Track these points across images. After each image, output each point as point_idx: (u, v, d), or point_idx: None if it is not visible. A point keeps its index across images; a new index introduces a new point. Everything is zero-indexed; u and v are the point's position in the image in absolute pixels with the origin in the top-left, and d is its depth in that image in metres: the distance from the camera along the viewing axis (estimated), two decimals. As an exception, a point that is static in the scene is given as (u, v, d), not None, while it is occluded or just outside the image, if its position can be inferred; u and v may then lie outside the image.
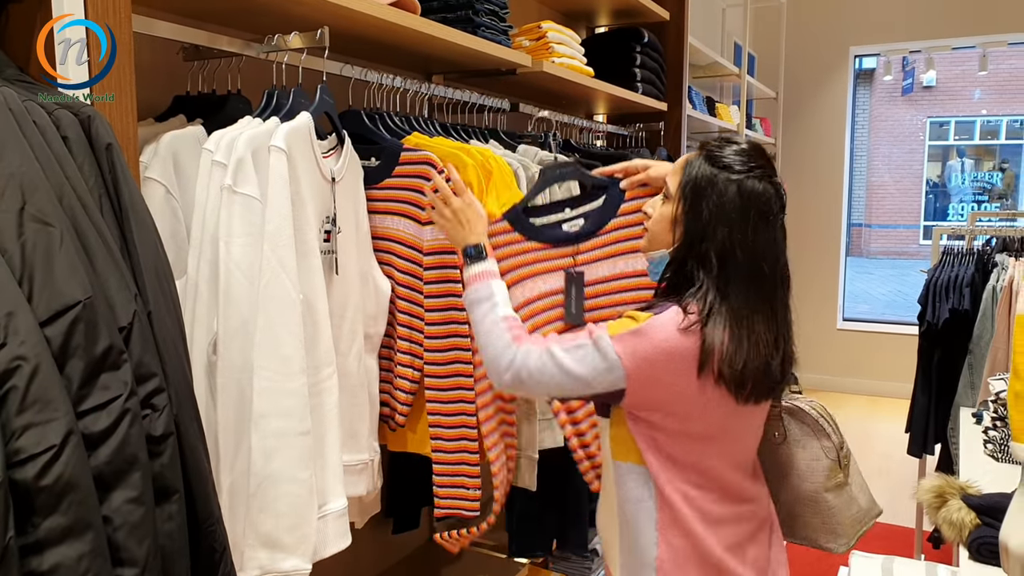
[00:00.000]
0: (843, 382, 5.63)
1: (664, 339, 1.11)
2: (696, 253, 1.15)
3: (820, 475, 1.31)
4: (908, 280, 13.16)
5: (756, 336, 1.12)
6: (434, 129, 1.84)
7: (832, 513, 1.31)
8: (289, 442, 1.22)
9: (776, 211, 1.16)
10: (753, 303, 1.13)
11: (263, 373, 1.20)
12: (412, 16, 1.57)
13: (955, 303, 2.69)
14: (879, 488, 3.91)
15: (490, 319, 1.26)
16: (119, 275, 0.82)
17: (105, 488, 0.77)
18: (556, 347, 1.17)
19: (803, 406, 1.33)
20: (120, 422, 0.78)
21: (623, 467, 1.21)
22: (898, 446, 3.35)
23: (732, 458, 1.20)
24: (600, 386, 1.14)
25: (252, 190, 1.22)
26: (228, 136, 1.24)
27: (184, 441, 0.88)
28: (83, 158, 0.86)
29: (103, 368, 0.77)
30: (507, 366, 1.19)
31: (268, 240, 1.22)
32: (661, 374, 1.11)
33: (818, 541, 1.35)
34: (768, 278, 1.15)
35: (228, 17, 1.48)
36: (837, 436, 1.33)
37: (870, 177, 16.46)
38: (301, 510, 1.23)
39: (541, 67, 2.09)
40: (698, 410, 1.14)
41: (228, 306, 1.20)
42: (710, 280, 1.12)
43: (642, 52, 2.82)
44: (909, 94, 15.80)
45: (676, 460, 1.17)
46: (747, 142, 1.20)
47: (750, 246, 1.13)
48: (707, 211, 1.14)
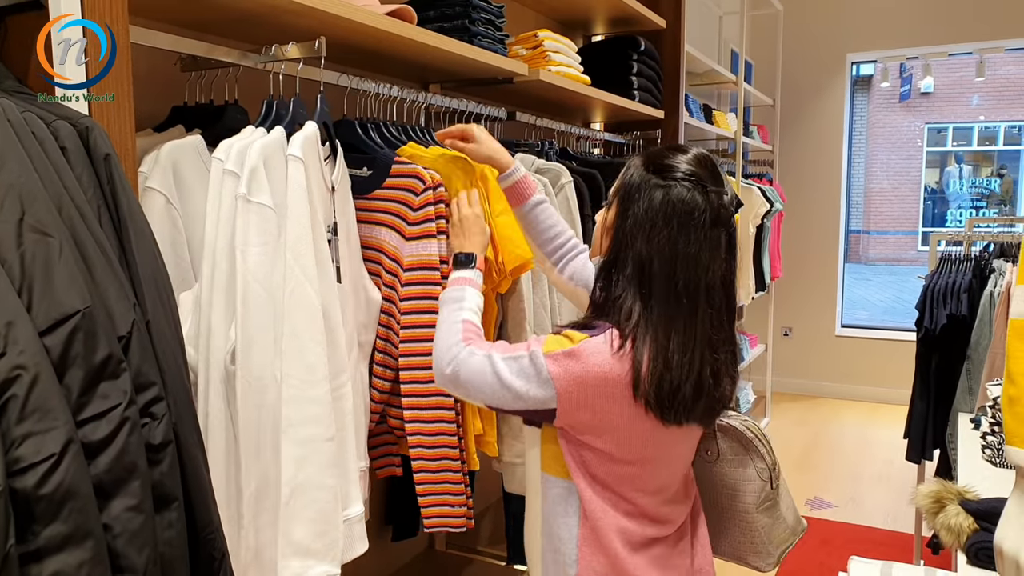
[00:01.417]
0: (842, 388, 5.63)
1: (598, 364, 1.07)
2: (618, 260, 1.11)
3: (752, 495, 1.28)
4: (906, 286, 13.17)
5: (668, 353, 1.06)
6: (429, 139, 1.85)
7: (761, 532, 1.29)
8: (318, 448, 1.23)
9: (703, 223, 1.08)
10: (669, 317, 1.07)
11: (291, 381, 1.21)
12: (408, 26, 1.58)
13: (953, 309, 2.70)
14: (878, 494, 3.93)
15: (451, 318, 1.26)
16: (118, 285, 0.83)
17: (105, 496, 0.78)
18: (496, 354, 1.14)
19: (736, 425, 1.29)
20: (119, 430, 0.78)
21: (550, 480, 1.18)
22: (897, 452, 3.35)
23: (658, 482, 1.16)
24: (532, 402, 1.11)
25: (266, 199, 1.24)
26: (238, 145, 1.25)
27: (183, 449, 0.88)
28: (81, 169, 0.87)
29: (102, 377, 0.78)
30: (449, 360, 1.18)
31: (290, 249, 1.23)
32: (593, 399, 1.08)
33: (745, 559, 1.33)
34: (686, 292, 1.07)
35: (226, 28, 1.50)
36: (770, 457, 1.29)
37: (868, 184, 16.48)
38: (329, 516, 1.24)
39: (538, 75, 2.11)
40: (629, 436, 1.10)
41: (246, 315, 1.21)
42: (631, 292, 1.09)
43: (639, 60, 2.83)
44: (907, 100, 15.85)
45: (601, 481, 1.14)
46: (694, 151, 1.15)
47: (667, 256, 1.07)
48: (631, 217, 1.10)
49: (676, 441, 1.15)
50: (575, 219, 1.93)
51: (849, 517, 3.57)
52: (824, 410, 5.37)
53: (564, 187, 1.93)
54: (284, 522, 1.20)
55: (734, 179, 4.10)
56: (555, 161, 2.06)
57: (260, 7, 1.32)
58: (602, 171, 2.25)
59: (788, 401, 5.54)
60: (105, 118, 0.99)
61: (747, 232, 4.15)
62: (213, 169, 1.24)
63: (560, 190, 1.92)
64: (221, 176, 1.23)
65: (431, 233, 1.47)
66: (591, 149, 2.91)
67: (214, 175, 1.24)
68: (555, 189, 1.91)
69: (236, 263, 1.21)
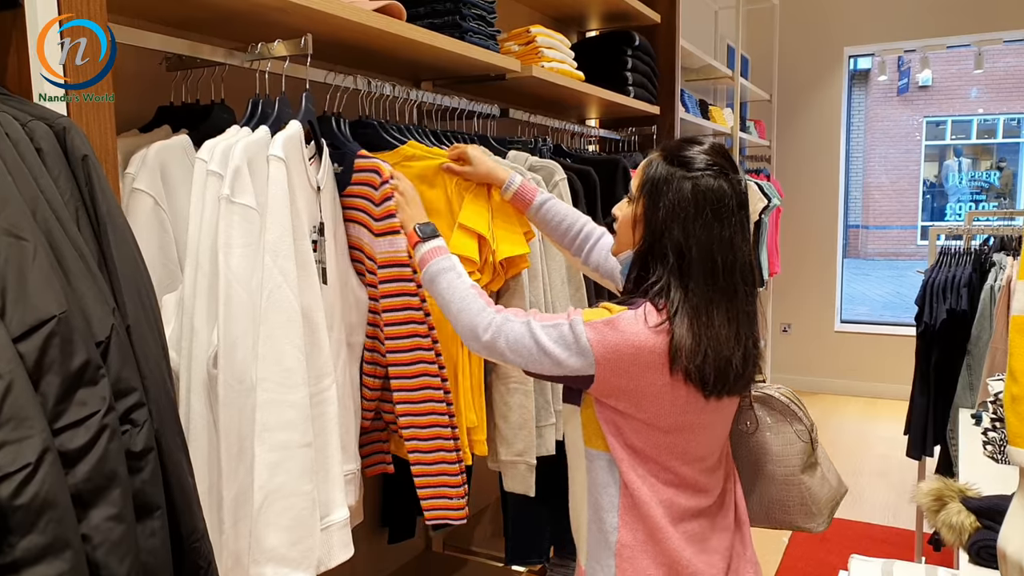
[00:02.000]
0: (841, 384, 5.61)
1: (635, 333, 1.13)
2: (655, 250, 1.17)
3: (795, 458, 1.35)
4: (906, 281, 13.16)
5: (714, 331, 1.14)
6: (425, 137, 1.83)
7: (809, 494, 1.35)
8: (292, 454, 1.20)
9: (732, 208, 1.17)
10: (710, 298, 1.14)
11: (265, 385, 1.19)
12: (397, 22, 1.56)
13: (953, 303, 2.68)
14: (879, 490, 3.92)
15: (460, 285, 1.30)
16: (96, 289, 0.81)
17: (84, 506, 0.76)
18: (535, 322, 1.21)
19: (772, 393, 1.37)
20: (98, 438, 0.76)
21: (592, 453, 1.24)
22: (897, 448, 3.34)
23: (696, 452, 1.21)
24: (570, 368, 1.17)
25: (249, 200, 1.22)
26: (222, 145, 1.23)
27: (166, 456, 0.86)
28: (58, 170, 0.85)
29: (80, 384, 0.76)
30: (485, 327, 1.23)
31: (269, 251, 1.21)
32: (629, 366, 1.14)
33: (796, 523, 1.38)
34: (724, 273, 1.15)
35: (211, 26, 1.48)
36: (808, 419, 1.37)
37: (867, 178, 16.45)
38: (305, 523, 1.22)
39: (530, 72, 2.09)
40: (666, 405, 1.16)
41: (228, 318, 1.19)
42: (670, 277, 1.15)
43: (633, 55, 2.81)
44: (905, 94, 15.83)
45: (639, 450, 1.19)
46: (708, 142, 1.23)
47: (704, 242, 1.15)
48: (664, 209, 1.16)
49: (714, 409, 1.20)
50: (569, 216, 1.91)
51: (849, 514, 3.55)
52: (823, 406, 5.35)
53: (557, 184, 1.91)
54: (257, 528, 1.18)
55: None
56: (548, 158, 2.03)
57: (246, 4, 1.30)
58: (596, 168, 2.23)
59: (788, 397, 5.52)
60: (85, 118, 0.97)
61: (745, 228, 4.12)
62: (196, 170, 1.22)
63: (553, 188, 1.90)
64: (205, 177, 1.21)
65: (396, 229, 1.43)
66: (586, 146, 2.89)
67: (197, 176, 1.22)
68: (548, 187, 1.89)
69: (219, 265, 1.19)
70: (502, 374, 1.75)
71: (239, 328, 1.20)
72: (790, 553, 3.10)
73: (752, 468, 1.37)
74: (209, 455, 1.21)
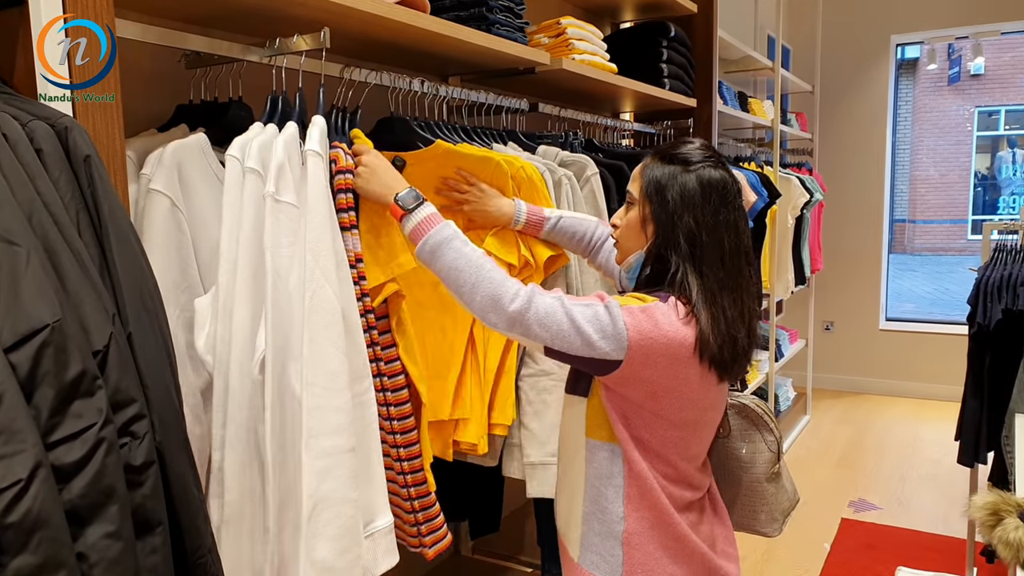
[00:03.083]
0: (887, 384, 5.43)
1: (669, 324, 1.15)
2: (669, 241, 1.21)
3: (762, 467, 1.41)
4: (955, 277, 12.75)
5: (727, 312, 1.18)
6: (453, 133, 1.79)
7: (771, 501, 1.42)
8: (340, 460, 1.17)
9: (734, 193, 1.23)
10: (722, 281, 1.19)
11: (313, 390, 1.15)
12: (419, 14, 1.51)
13: (1009, 303, 2.54)
14: (927, 496, 3.77)
15: (470, 253, 1.21)
16: (95, 295, 0.78)
17: (80, 523, 0.73)
18: (566, 299, 1.18)
19: (747, 403, 1.43)
20: (95, 452, 0.73)
21: (595, 444, 1.24)
22: (947, 452, 3.20)
23: (694, 450, 1.26)
24: (600, 350, 1.14)
25: (292, 198, 1.19)
26: (257, 141, 1.20)
27: (169, 469, 0.83)
28: (59, 172, 0.82)
29: (75, 395, 0.73)
30: (512, 297, 1.16)
31: (311, 250, 1.17)
32: (658, 357, 1.14)
33: (755, 527, 1.45)
34: (733, 255, 1.21)
35: (231, 22, 1.45)
36: (778, 430, 1.43)
37: (914, 171, 15.97)
38: (352, 531, 1.19)
39: (560, 64, 2.02)
40: (681, 395, 1.18)
41: (277, 322, 1.15)
42: (686, 264, 1.19)
43: (669, 47, 2.73)
44: (956, 83, 15.30)
45: (644, 442, 1.21)
46: (697, 140, 1.29)
47: (714, 227, 1.20)
48: (672, 202, 1.21)
49: (714, 405, 1.25)
50: (602, 211, 1.85)
51: (896, 520, 3.42)
52: (868, 407, 5.18)
53: (590, 179, 1.85)
54: (306, 539, 1.15)
55: (771, 168, 3.96)
56: (580, 153, 1.97)
57: None
58: (629, 163, 2.16)
59: (830, 398, 5.37)
60: (91, 118, 0.95)
61: (785, 224, 4.01)
62: (230, 168, 1.18)
63: (585, 183, 1.84)
64: (242, 174, 1.18)
65: (345, 225, 1.29)
66: (620, 140, 2.82)
67: (232, 174, 1.18)
68: (580, 182, 1.83)
69: (266, 266, 1.16)
70: (536, 371, 1.70)
71: (289, 332, 1.16)
72: (832, 560, 2.99)
73: (722, 472, 1.44)
74: (250, 463, 1.18)
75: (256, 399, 1.17)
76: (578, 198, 1.81)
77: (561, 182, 1.74)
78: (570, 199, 1.78)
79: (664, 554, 1.22)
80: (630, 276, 1.30)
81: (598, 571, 1.24)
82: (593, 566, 1.25)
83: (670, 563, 1.23)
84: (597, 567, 1.25)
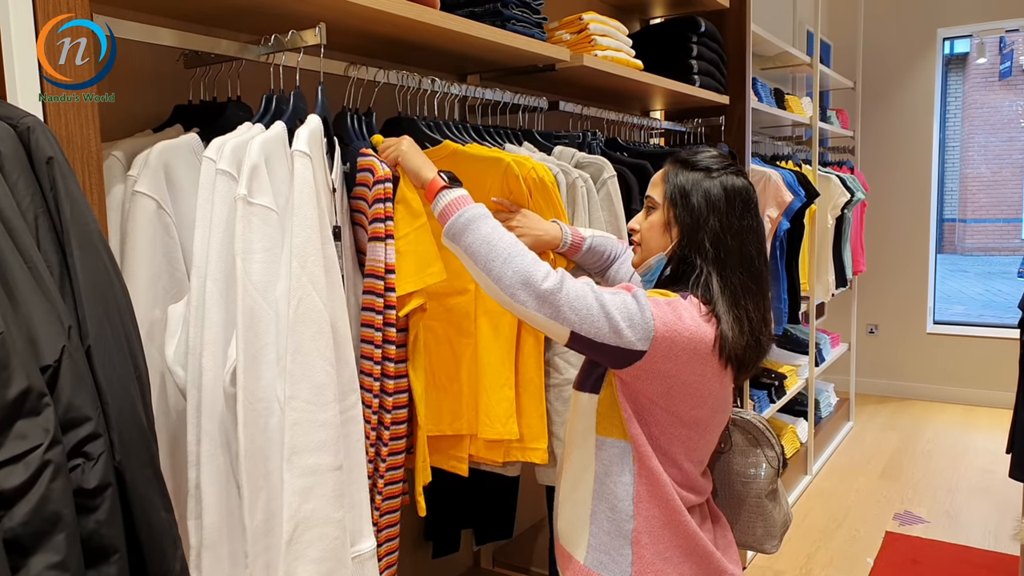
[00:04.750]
0: (934, 390, 5.20)
1: (692, 319, 1.16)
2: (693, 244, 1.22)
3: (763, 483, 1.41)
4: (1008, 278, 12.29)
5: (749, 314, 1.21)
6: (465, 133, 1.72)
7: (770, 517, 1.42)
8: (324, 479, 1.11)
9: (755, 200, 1.27)
10: (745, 284, 1.22)
11: (295, 404, 1.09)
12: (429, 10, 1.45)
13: (1063, 307, 2.38)
14: (978, 510, 3.59)
15: (503, 233, 1.20)
16: (47, 306, 0.73)
17: (22, 552, 0.67)
18: (595, 285, 1.18)
19: (750, 418, 1.44)
20: (40, 476, 0.68)
21: (605, 442, 1.23)
22: (999, 462, 3.03)
23: (700, 454, 1.26)
24: (626, 339, 1.13)
25: (268, 200, 1.13)
26: (232, 143, 1.15)
27: (131, 491, 0.77)
28: (18, 174, 0.77)
29: (18, 414, 0.68)
30: (544, 276, 1.14)
31: (296, 255, 1.12)
32: (680, 351, 1.15)
33: (753, 544, 1.44)
34: (755, 259, 1.24)
35: (232, 20, 1.40)
36: (778, 446, 1.43)
37: (964, 169, 15.44)
38: (337, 553, 1.13)
39: (581, 61, 1.94)
40: (695, 391, 1.19)
41: (248, 331, 1.09)
42: (710, 268, 1.21)
43: (699, 43, 2.63)
44: (1007, 78, 14.76)
45: (655, 440, 1.20)
46: (714, 149, 1.34)
47: (738, 232, 1.23)
48: (697, 207, 1.23)
49: (723, 407, 1.26)
50: (618, 215, 1.76)
51: (944, 535, 3.24)
52: (914, 413, 4.98)
53: (607, 182, 1.76)
54: (287, 562, 1.08)
55: (810, 167, 3.81)
56: (599, 153, 1.89)
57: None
58: (654, 162, 2.07)
59: (874, 404, 5.17)
60: (62, 117, 0.90)
61: (825, 224, 3.86)
62: (204, 169, 1.14)
63: (602, 185, 1.75)
64: (213, 177, 1.13)
65: (380, 236, 1.29)
66: (648, 139, 2.72)
67: (205, 176, 1.13)
68: (596, 185, 1.74)
69: (236, 272, 1.10)
70: (560, 380, 1.61)
71: (261, 342, 1.11)
72: (875, 578, 2.85)
73: (722, 486, 1.43)
74: (226, 481, 1.12)
75: (229, 415, 1.11)
76: (593, 201, 1.72)
77: (576, 184, 1.65)
78: (585, 202, 1.69)
79: (674, 553, 1.22)
80: (648, 278, 1.30)
81: (606, 571, 1.22)
82: (601, 566, 1.22)
83: (680, 562, 1.22)
84: (605, 567, 1.22)
